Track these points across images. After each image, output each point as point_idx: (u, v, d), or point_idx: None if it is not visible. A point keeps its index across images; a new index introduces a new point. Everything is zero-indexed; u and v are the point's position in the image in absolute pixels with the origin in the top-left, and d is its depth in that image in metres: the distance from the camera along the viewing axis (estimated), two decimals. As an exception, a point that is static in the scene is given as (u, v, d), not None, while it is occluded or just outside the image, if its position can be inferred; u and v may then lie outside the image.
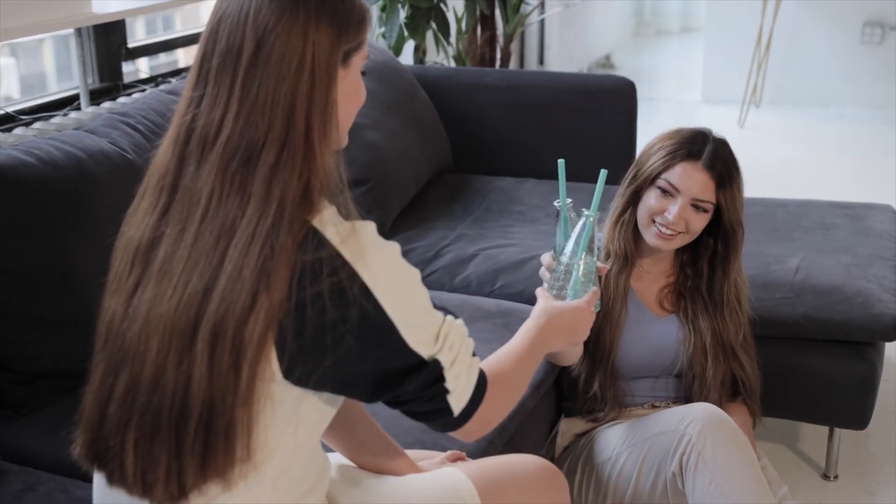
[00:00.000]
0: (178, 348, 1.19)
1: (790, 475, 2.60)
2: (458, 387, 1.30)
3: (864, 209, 3.03)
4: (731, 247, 2.14)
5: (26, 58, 3.37)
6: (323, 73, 1.20)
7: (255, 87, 1.19)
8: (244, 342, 1.16)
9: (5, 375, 1.94)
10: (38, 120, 2.66)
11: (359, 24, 1.26)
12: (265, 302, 1.15)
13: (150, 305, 1.21)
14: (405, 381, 1.26)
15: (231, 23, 1.21)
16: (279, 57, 1.18)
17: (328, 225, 1.20)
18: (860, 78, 6.35)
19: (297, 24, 1.19)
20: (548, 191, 3.18)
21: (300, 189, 1.18)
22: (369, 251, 1.21)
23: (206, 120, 1.20)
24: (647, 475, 2.01)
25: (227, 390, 1.17)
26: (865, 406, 2.45)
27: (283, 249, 1.16)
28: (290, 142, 1.19)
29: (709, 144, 2.12)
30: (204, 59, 1.23)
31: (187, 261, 1.19)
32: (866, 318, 2.38)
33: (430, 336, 1.27)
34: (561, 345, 1.59)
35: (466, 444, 1.87)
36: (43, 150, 2.01)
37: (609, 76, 3.54)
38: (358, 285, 1.19)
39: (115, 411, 1.23)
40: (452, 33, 4.23)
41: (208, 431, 1.18)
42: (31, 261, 1.92)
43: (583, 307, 1.61)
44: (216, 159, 1.19)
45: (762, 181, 4.98)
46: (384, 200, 2.83)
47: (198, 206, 1.20)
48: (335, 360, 1.20)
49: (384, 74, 3.15)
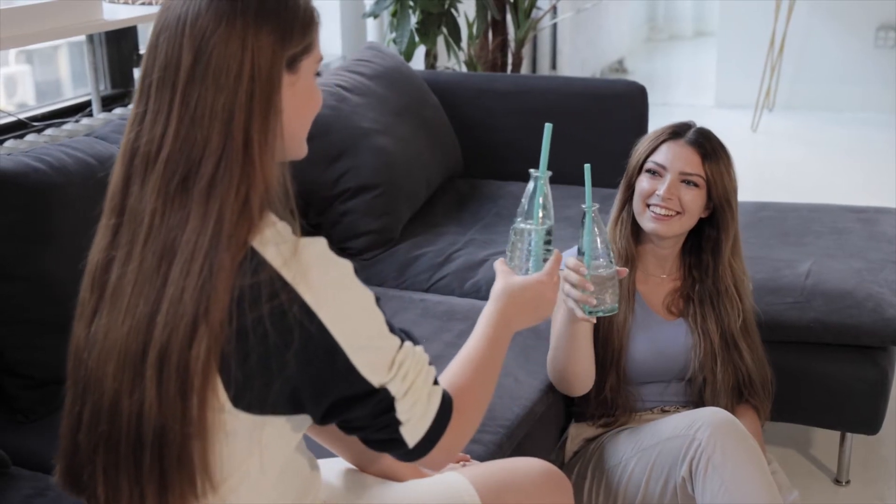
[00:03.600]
0: (131, 375, 1.16)
1: (802, 480, 2.59)
2: (412, 417, 1.23)
3: (877, 213, 3.02)
4: (722, 226, 2.13)
5: (42, 65, 3.39)
6: (264, 82, 1.16)
7: (195, 101, 1.15)
8: (189, 368, 1.12)
9: (15, 381, 1.95)
10: (49, 126, 2.67)
11: (304, 26, 1.21)
12: (205, 328, 1.11)
13: (106, 331, 1.18)
14: (353, 408, 1.21)
15: (169, 35, 1.17)
16: (217, 67, 1.14)
17: (269, 245, 1.15)
18: (873, 82, 6.32)
19: (234, 31, 1.15)
20: (558, 196, 3.15)
21: (238, 204, 1.14)
22: (312, 270, 1.16)
23: (149, 137, 1.17)
24: (656, 480, 2.01)
25: (175, 418, 1.14)
26: (877, 411, 2.44)
27: (222, 269, 1.12)
28: (228, 155, 1.14)
29: (691, 127, 2.16)
30: (145, 74, 1.19)
31: (135, 284, 1.16)
32: (877, 323, 2.37)
33: (382, 362, 1.21)
34: (526, 324, 1.49)
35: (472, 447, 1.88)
36: (54, 156, 2.03)
37: (620, 80, 3.53)
38: (299, 306, 1.14)
39: (84, 439, 1.21)
40: (464, 38, 4.23)
41: (162, 459, 1.16)
42: (41, 267, 1.93)
43: (544, 280, 1.49)
44: (158, 178, 1.16)
45: (775, 185, 4.98)
46: (394, 206, 2.84)
47: (142, 227, 1.17)
48: (282, 385, 1.16)
49: (394, 80, 3.15)
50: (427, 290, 2.65)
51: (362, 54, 3.25)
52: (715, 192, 2.10)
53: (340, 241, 2.79)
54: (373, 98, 2.99)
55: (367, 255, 2.76)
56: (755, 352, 2.18)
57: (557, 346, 2.07)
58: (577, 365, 2.06)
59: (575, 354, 2.04)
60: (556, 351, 2.09)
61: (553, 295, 1.51)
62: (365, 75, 3.07)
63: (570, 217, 3.01)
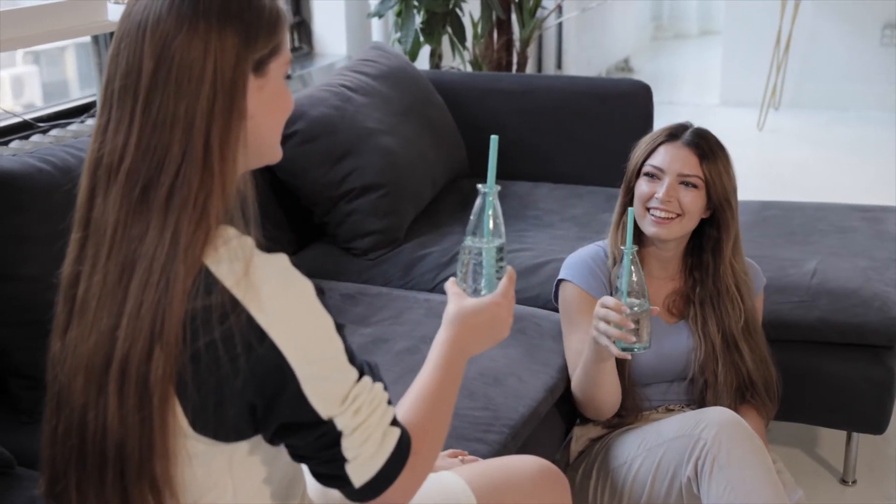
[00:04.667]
0: (96, 389, 1.14)
1: (808, 480, 2.58)
2: (360, 456, 1.18)
3: (883, 212, 3.01)
4: (722, 226, 2.13)
5: (49, 66, 3.40)
6: (227, 86, 1.12)
7: (156, 107, 1.11)
8: (148, 383, 1.10)
9: (19, 381, 1.96)
10: (55, 127, 2.68)
11: (271, 28, 1.17)
12: (161, 344, 1.09)
13: (75, 345, 1.17)
14: (298, 435, 1.17)
15: (130, 42, 1.13)
16: (179, 72, 1.11)
17: (223, 262, 1.12)
18: (879, 80, 6.31)
19: (197, 35, 1.11)
20: (564, 195, 3.18)
21: (196, 214, 1.11)
22: (266, 288, 1.12)
23: (111, 147, 1.14)
24: (662, 480, 2.00)
25: (134, 434, 1.12)
26: (883, 410, 2.44)
27: (177, 282, 1.09)
28: (187, 162, 1.11)
29: (688, 128, 2.15)
30: (108, 83, 1.16)
31: (99, 298, 1.14)
32: (883, 322, 2.37)
33: (335, 394, 1.16)
34: (482, 348, 1.40)
35: (477, 447, 1.87)
36: (58, 156, 2.03)
37: (625, 80, 3.53)
38: (250, 326, 1.10)
39: (59, 452, 1.20)
40: (469, 38, 4.23)
41: (123, 476, 1.14)
42: (45, 267, 1.92)
43: (499, 300, 1.38)
44: (119, 189, 1.13)
45: (781, 184, 4.97)
46: (399, 206, 2.83)
47: (104, 240, 1.14)
48: (237, 408, 1.13)
49: (399, 80, 3.15)
50: (432, 289, 2.65)
51: (367, 54, 3.25)
52: (714, 193, 2.10)
53: (345, 241, 2.79)
54: (377, 98, 2.99)
55: (371, 255, 2.76)
56: (757, 353, 2.17)
57: (585, 378, 2.09)
58: (607, 393, 2.10)
59: (604, 385, 2.08)
60: (584, 383, 2.11)
61: (508, 315, 1.40)
62: (369, 75, 3.07)
63: (575, 216, 3.02)
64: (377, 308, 2.46)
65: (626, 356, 1.97)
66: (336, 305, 2.43)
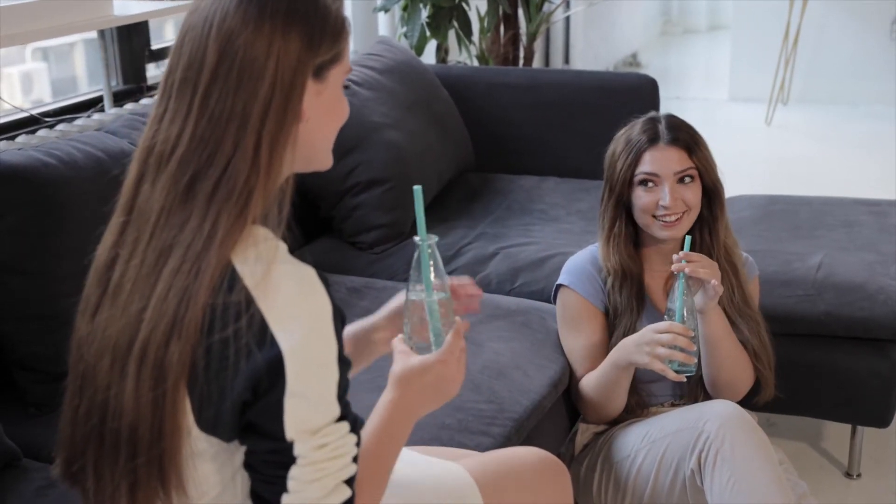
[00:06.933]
0: (119, 370, 1.16)
1: (813, 474, 2.58)
2: (301, 493, 1.14)
3: (889, 206, 3.01)
4: (717, 205, 2.14)
5: (57, 62, 3.42)
6: (286, 87, 1.14)
7: (214, 102, 1.13)
8: (164, 367, 1.12)
9: (27, 375, 1.97)
10: (61, 122, 2.68)
11: (334, 35, 1.19)
12: (181, 330, 1.11)
13: (105, 327, 1.18)
14: (254, 440, 1.16)
15: (195, 35, 1.15)
16: (240, 69, 1.13)
17: (248, 262, 1.13)
18: (888, 76, 6.29)
19: (261, 34, 1.13)
20: (570, 189, 3.18)
21: (237, 210, 1.13)
22: (282, 295, 1.13)
23: (165, 136, 1.16)
24: (665, 473, 2.01)
25: (146, 418, 1.13)
26: (888, 404, 2.43)
27: (207, 271, 1.11)
28: (237, 158, 1.13)
29: (660, 123, 2.13)
30: (169, 73, 1.18)
31: (134, 282, 1.16)
32: (889, 316, 2.37)
33: (309, 422, 1.14)
34: (430, 409, 1.35)
35: (481, 440, 1.88)
36: (64, 151, 2.04)
37: (631, 74, 3.52)
38: (262, 329, 1.11)
39: (79, 432, 1.21)
40: (475, 32, 4.23)
41: (134, 458, 1.15)
42: (52, 261, 1.94)
43: (444, 359, 1.32)
44: (169, 177, 1.15)
45: (789, 179, 4.96)
46: (404, 200, 2.83)
47: (147, 226, 1.16)
48: (233, 405, 1.13)
49: (405, 74, 3.16)
50: (437, 283, 2.65)
51: (373, 49, 3.26)
52: (707, 176, 2.12)
53: (351, 235, 2.80)
54: (384, 92, 2.99)
55: (377, 249, 2.77)
56: (755, 332, 2.16)
57: (602, 392, 2.13)
58: (618, 402, 2.14)
59: (618, 397, 2.13)
60: (598, 396, 2.14)
61: (458, 373, 1.34)
62: (376, 69, 3.07)
63: (581, 210, 3.02)
64: (383, 302, 2.42)
65: (682, 378, 2.00)
66: (342, 299, 2.43)
